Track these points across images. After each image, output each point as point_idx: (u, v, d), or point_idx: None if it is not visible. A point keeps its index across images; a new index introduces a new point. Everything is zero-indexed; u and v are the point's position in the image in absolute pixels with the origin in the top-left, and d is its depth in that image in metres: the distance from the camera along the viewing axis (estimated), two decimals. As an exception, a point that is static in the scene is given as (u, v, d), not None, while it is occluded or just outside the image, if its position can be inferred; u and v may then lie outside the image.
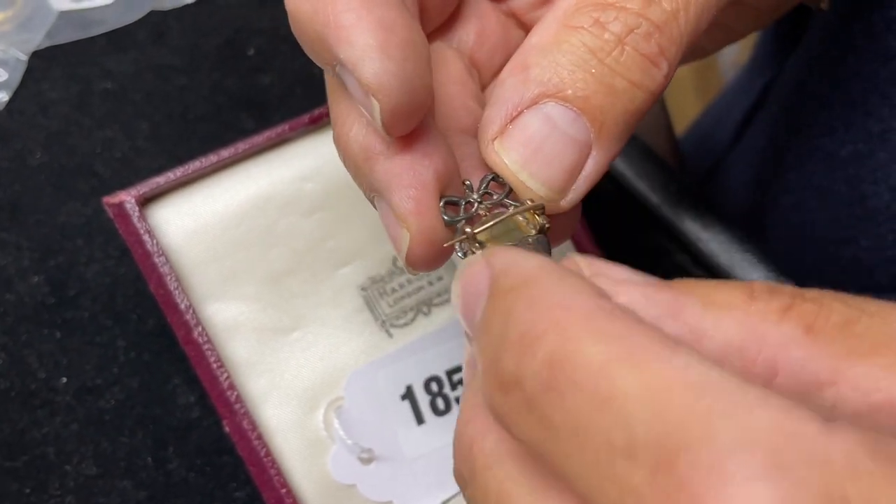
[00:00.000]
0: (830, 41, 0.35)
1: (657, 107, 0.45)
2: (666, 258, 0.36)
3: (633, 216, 0.37)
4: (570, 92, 0.19)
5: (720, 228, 0.35)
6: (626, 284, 0.16)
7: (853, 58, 0.33)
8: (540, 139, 0.19)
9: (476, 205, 0.21)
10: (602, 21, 0.19)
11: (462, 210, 0.21)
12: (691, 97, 0.96)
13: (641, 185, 0.37)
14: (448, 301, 0.32)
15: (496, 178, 0.21)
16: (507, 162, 0.20)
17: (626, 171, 0.37)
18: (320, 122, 0.32)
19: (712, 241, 0.35)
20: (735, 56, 0.98)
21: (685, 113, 0.72)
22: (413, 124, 0.19)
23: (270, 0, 0.41)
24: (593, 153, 0.20)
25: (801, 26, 0.40)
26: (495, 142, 0.20)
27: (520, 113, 0.20)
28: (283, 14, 0.40)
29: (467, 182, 0.21)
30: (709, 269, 0.35)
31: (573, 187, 0.20)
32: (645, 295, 0.16)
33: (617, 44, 0.19)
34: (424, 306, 0.31)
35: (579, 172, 0.20)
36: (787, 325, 0.16)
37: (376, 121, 0.19)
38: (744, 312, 0.16)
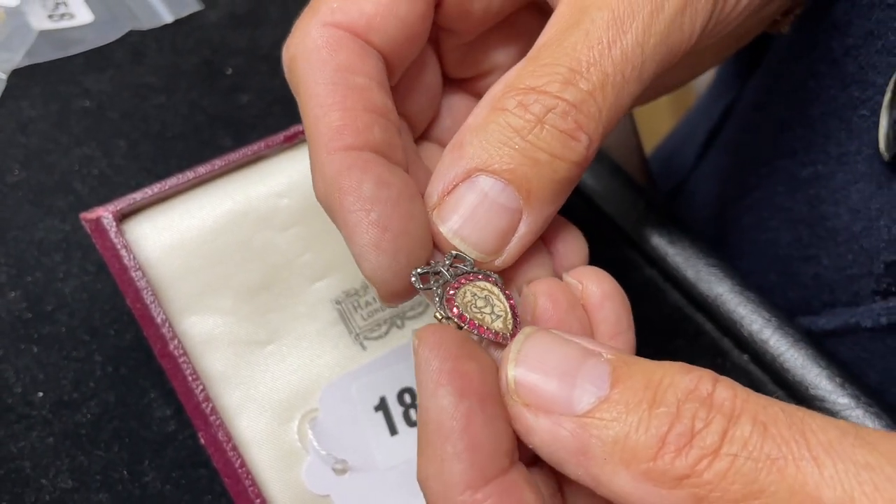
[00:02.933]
0: (791, 65, 0.36)
1: (627, 127, 0.46)
2: (635, 272, 0.37)
3: (603, 232, 0.38)
4: (497, 166, 0.22)
5: (687, 244, 0.36)
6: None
7: (813, 82, 0.34)
8: (472, 208, 0.22)
9: (447, 273, 0.23)
10: (524, 103, 0.22)
11: (432, 279, 0.23)
12: (665, 115, 0.98)
13: (610, 201, 0.38)
14: (421, 314, 0.32)
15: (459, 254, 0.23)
16: (442, 230, 0.22)
17: (596, 188, 0.38)
18: (296, 140, 0.32)
19: (678, 256, 0.36)
20: (708, 76, 1.00)
21: (659, 131, 0.73)
22: (407, 300, 0.23)
23: (248, 20, 0.42)
24: (525, 217, 0.22)
25: (761, 50, 0.41)
26: (434, 213, 0.22)
27: (455, 186, 0.22)
28: (260, 34, 0.41)
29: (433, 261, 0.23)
30: (676, 283, 0.36)
31: (507, 248, 0.23)
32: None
33: (537, 123, 0.21)
34: (398, 319, 0.32)
35: (512, 235, 0.22)
36: (679, 492, 0.17)
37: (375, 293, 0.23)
38: (645, 470, 0.18)
